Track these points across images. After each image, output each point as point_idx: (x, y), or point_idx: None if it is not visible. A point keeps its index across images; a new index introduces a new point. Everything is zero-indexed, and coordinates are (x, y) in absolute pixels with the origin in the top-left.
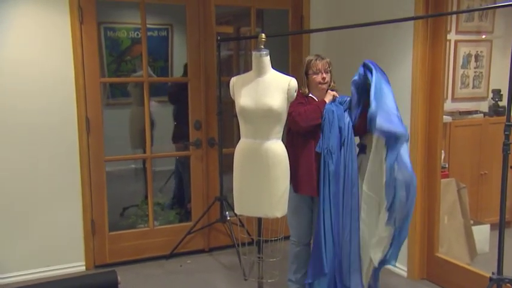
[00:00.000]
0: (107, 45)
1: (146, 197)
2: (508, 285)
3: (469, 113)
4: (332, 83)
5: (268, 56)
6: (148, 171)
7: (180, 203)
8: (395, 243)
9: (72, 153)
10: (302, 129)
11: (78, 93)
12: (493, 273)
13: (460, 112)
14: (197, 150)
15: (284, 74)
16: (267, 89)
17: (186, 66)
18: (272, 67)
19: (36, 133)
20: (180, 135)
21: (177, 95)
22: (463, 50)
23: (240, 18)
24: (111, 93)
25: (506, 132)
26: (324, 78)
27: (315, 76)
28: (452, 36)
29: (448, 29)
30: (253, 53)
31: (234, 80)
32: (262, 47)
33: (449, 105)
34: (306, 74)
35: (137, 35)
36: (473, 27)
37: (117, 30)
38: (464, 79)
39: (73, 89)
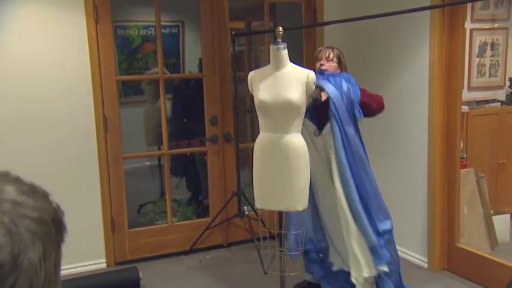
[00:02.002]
0: (118, 43)
1: (163, 194)
2: None
3: (486, 102)
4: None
5: (286, 50)
6: (166, 167)
7: (196, 198)
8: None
9: (90, 151)
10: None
11: (95, 91)
12: None
13: (476, 101)
14: (214, 146)
15: (301, 67)
16: (286, 82)
17: (201, 61)
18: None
19: (55, 132)
20: (188, 132)
21: (185, 91)
22: (479, 39)
23: (251, 13)
24: (124, 92)
25: None
26: (321, 65)
27: (316, 63)
28: (467, 24)
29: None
30: (271, 46)
31: (251, 75)
32: (279, 40)
33: (465, 94)
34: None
35: (147, 32)
36: (489, 15)
37: (127, 28)
38: (481, 68)
39: (90, 87)
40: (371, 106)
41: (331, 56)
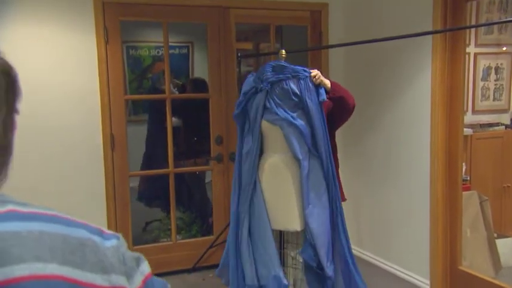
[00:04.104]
0: (129, 63)
1: (169, 212)
2: None
3: (490, 125)
4: None
5: None
6: (171, 186)
7: (201, 217)
8: None
9: (97, 169)
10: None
11: (103, 110)
12: None
13: (480, 125)
14: (219, 165)
15: None
16: None
17: (195, 81)
18: None
19: (63, 150)
20: (190, 151)
21: (188, 111)
22: (483, 63)
23: (259, 34)
24: (133, 110)
25: None
26: None
27: None
28: (471, 49)
29: (467, 42)
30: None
31: None
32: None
33: (470, 117)
34: None
35: (158, 52)
36: (493, 40)
37: (139, 48)
38: (485, 91)
39: (98, 106)
40: (349, 101)
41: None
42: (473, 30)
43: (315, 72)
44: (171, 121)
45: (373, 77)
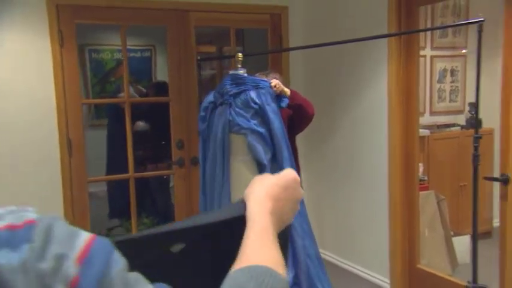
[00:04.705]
0: (92, 67)
1: (130, 217)
2: None
3: (447, 126)
4: None
5: (246, 75)
6: (131, 191)
7: (164, 222)
8: None
9: (54, 175)
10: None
11: (59, 115)
12: (468, 282)
13: (437, 125)
14: (180, 169)
15: None
16: None
17: (157, 85)
18: None
19: (18, 155)
20: (157, 155)
21: (155, 115)
22: (439, 65)
23: (222, 38)
24: (96, 115)
25: (475, 144)
26: None
27: None
28: (428, 51)
29: (424, 45)
30: (230, 72)
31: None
32: (239, 66)
33: (427, 119)
34: None
35: (121, 56)
36: (448, 43)
37: (101, 52)
38: (441, 93)
39: (54, 111)
40: (308, 109)
41: None
42: (429, 34)
43: (274, 81)
44: (131, 125)
45: (333, 81)
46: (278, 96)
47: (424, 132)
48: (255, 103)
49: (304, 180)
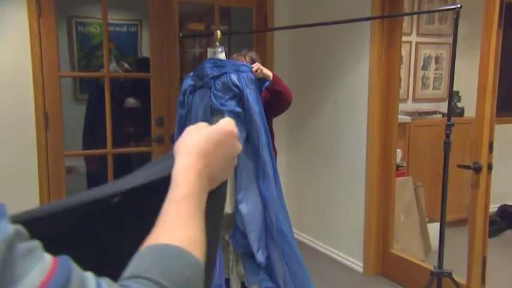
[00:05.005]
0: (78, 40)
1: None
2: (448, 278)
3: (428, 113)
4: None
5: (224, 53)
6: (109, 167)
7: None
8: None
9: (30, 148)
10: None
11: (36, 87)
12: (434, 267)
13: (419, 112)
14: (159, 147)
15: None
16: None
17: (140, 61)
18: None
19: None
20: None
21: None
22: (424, 52)
23: (211, 16)
24: (80, 89)
25: (446, 131)
26: None
27: None
28: (413, 38)
29: (410, 31)
30: (208, 49)
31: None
32: (217, 44)
33: (410, 105)
34: None
35: (110, 31)
36: (434, 30)
37: (87, 25)
38: (425, 80)
39: (31, 83)
40: (286, 96)
41: (244, 62)
42: (415, 20)
43: (256, 66)
44: (115, 101)
45: (316, 63)
46: (259, 80)
47: (405, 118)
48: (236, 86)
49: (285, 163)
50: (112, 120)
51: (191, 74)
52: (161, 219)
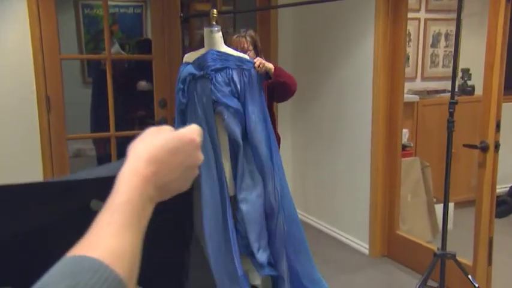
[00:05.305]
0: (85, 23)
1: None
2: (451, 260)
3: (437, 92)
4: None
5: (220, 33)
6: (113, 150)
7: None
8: None
9: (32, 132)
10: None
11: (37, 70)
12: (437, 249)
13: (428, 91)
14: None
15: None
16: None
17: (142, 42)
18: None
19: None
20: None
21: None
22: (433, 29)
23: None
24: (88, 72)
25: (450, 110)
26: None
27: None
28: (422, 14)
29: (418, 7)
30: (205, 29)
31: (186, 57)
32: (214, 23)
33: (418, 84)
34: None
35: (115, 13)
36: (443, 6)
37: (94, 7)
38: (434, 58)
39: (31, 66)
40: (291, 86)
41: (246, 45)
42: None
43: (258, 61)
44: (111, 83)
45: (320, 40)
46: (260, 76)
47: (413, 97)
48: (234, 84)
49: (290, 144)
50: (123, 103)
51: (190, 61)
52: (92, 228)
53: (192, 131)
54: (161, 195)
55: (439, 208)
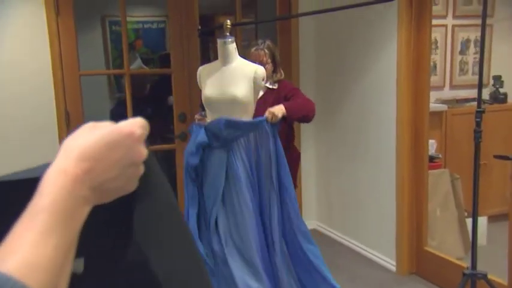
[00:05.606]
0: (112, 39)
1: None
2: (482, 280)
3: (467, 100)
4: (276, 75)
5: (234, 44)
6: None
7: None
8: None
9: (52, 148)
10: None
11: (56, 86)
12: (467, 268)
13: (457, 100)
14: (183, 143)
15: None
16: (232, 78)
17: (164, 56)
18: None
19: (14, 128)
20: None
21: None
22: (461, 35)
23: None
24: (118, 88)
25: (477, 119)
26: None
27: None
28: (449, 21)
29: (445, 13)
30: (218, 40)
31: (200, 70)
32: (227, 34)
33: (446, 93)
34: None
35: (140, 27)
36: (472, 11)
37: (121, 24)
38: (463, 65)
39: (51, 82)
40: (307, 118)
41: (264, 59)
42: (451, 1)
43: (269, 114)
44: (131, 97)
45: (342, 49)
46: (273, 127)
47: (441, 107)
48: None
49: (314, 151)
50: (155, 118)
51: (203, 125)
52: (8, 236)
53: (132, 123)
54: (101, 196)
55: (470, 223)
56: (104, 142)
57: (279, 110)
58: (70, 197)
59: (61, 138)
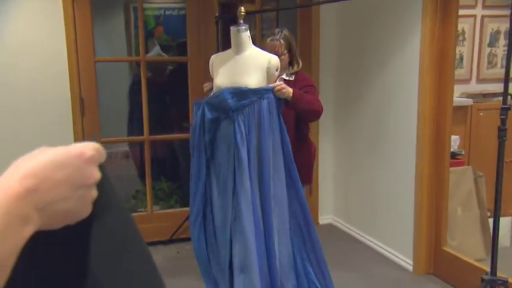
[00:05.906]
0: (135, 26)
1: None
2: (502, 287)
3: (494, 95)
4: (293, 66)
5: (248, 32)
6: (146, 154)
7: (182, 187)
8: None
9: (67, 134)
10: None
11: (71, 73)
12: (486, 274)
13: (483, 94)
14: None
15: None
16: (245, 67)
17: (182, 44)
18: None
19: (29, 112)
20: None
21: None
22: (491, 26)
23: None
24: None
25: (502, 116)
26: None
27: None
28: (478, 11)
29: (474, 3)
30: (231, 28)
31: (212, 58)
32: (241, 21)
33: (473, 86)
34: None
35: (160, 15)
36: (503, 1)
37: (144, 10)
38: (492, 58)
39: (66, 69)
40: (312, 114)
41: (281, 49)
42: None
43: (279, 86)
44: (146, 84)
45: (364, 39)
46: (279, 101)
47: (466, 101)
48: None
49: (332, 146)
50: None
51: (204, 101)
52: None
53: (83, 145)
54: (49, 219)
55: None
56: (51, 161)
57: (288, 89)
58: (9, 215)
59: (75, 124)
